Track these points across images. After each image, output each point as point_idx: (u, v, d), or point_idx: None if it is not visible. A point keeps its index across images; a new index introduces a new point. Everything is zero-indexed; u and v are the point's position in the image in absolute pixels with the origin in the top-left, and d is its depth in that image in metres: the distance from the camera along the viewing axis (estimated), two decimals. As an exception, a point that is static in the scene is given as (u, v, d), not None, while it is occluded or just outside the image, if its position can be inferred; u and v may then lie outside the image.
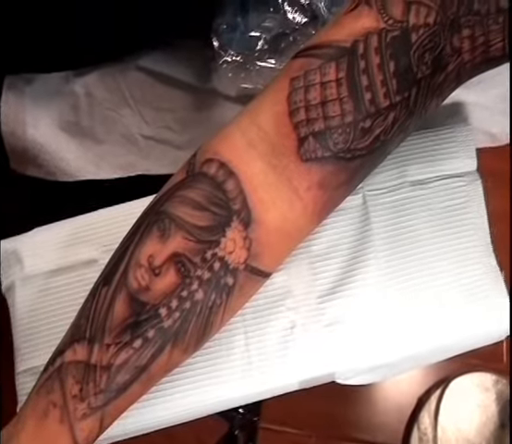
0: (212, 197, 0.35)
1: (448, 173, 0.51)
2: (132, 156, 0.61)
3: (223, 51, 0.56)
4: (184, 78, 0.62)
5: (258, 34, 0.54)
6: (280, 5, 0.52)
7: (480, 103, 0.59)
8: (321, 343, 0.48)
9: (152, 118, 0.62)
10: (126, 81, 0.61)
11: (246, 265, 0.36)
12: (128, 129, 0.61)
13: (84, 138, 0.61)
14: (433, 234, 0.50)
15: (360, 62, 0.34)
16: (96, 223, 0.51)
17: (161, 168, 0.61)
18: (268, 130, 0.36)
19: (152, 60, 0.61)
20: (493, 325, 0.49)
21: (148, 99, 0.62)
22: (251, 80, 0.56)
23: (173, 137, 0.62)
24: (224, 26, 0.55)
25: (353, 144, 0.35)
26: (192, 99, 0.62)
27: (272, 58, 0.55)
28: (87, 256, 0.50)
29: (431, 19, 0.33)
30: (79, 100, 0.61)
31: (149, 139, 0.61)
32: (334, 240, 0.49)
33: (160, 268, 0.35)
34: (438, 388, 0.56)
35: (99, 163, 0.60)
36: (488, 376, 0.56)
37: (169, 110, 0.62)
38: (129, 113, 0.61)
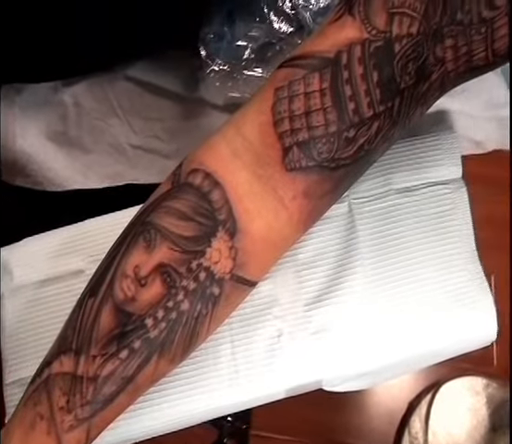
0: (197, 207, 0.35)
1: (434, 180, 0.52)
2: (120, 166, 0.61)
3: (210, 60, 0.56)
4: (172, 87, 0.62)
5: (245, 44, 0.54)
6: (266, 14, 0.52)
7: (464, 111, 0.59)
8: (308, 351, 0.48)
9: (140, 128, 0.62)
10: (114, 91, 0.62)
11: (232, 275, 0.36)
12: (116, 139, 0.61)
13: (72, 148, 0.61)
14: (419, 241, 0.50)
15: (344, 72, 0.34)
16: (83, 233, 0.51)
17: (149, 178, 0.61)
18: (253, 140, 0.36)
19: (140, 70, 0.62)
20: (480, 330, 0.49)
21: (136, 108, 0.62)
22: (239, 88, 0.56)
23: (161, 146, 0.62)
24: (211, 35, 0.55)
25: (337, 154, 0.35)
26: (180, 108, 0.63)
27: (258, 67, 0.55)
28: (74, 267, 0.50)
29: (414, 29, 0.34)
30: (68, 110, 0.61)
31: (137, 148, 0.62)
32: (320, 248, 0.50)
33: (146, 279, 0.35)
34: (429, 393, 0.56)
35: (87, 172, 0.60)
36: (478, 380, 0.56)
37: (157, 119, 0.62)
38: (117, 122, 0.62)
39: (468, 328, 0.49)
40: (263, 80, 0.55)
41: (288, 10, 0.52)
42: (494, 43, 0.35)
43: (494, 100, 0.59)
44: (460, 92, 0.58)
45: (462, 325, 0.49)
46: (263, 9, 0.52)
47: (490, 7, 0.33)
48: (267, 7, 0.52)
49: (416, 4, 0.33)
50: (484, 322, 0.49)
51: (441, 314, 0.49)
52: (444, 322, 0.49)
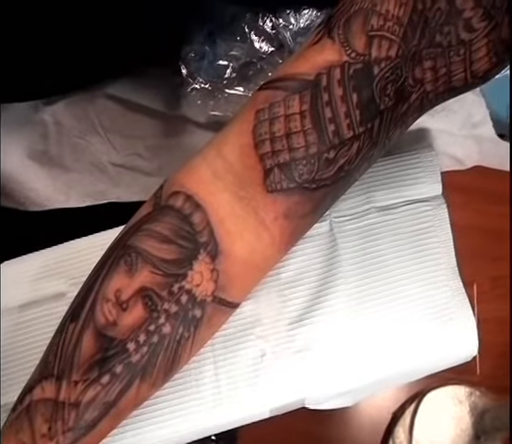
0: (178, 230, 0.35)
1: (414, 198, 0.52)
2: (102, 184, 0.61)
3: (191, 78, 0.56)
4: (153, 105, 0.62)
5: (226, 63, 0.54)
6: (247, 34, 0.53)
7: (444, 129, 0.60)
8: (291, 370, 0.48)
9: (121, 146, 0.62)
10: (94, 109, 0.62)
11: (213, 297, 0.36)
12: (97, 157, 0.61)
13: (53, 166, 0.61)
14: (400, 258, 0.51)
15: (324, 94, 0.34)
16: (64, 255, 0.51)
17: (131, 196, 0.61)
18: (234, 162, 0.36)
19: (121, 88, 0.62)
20: (461, 346, 0.50)
21: (117, 126, 0.62)
22: (220, 107, 0.56)
23: (143, 164, 0.62)
24: (192, 54, 0.55)
25: (318, 175, 0.35)
26: (162, 126, 0.63)
27: (240, 86, 0.56)
28: (55, 290, 0.50)
29: (393, 52, 0.34)
30: (48, 129, 0.61)
31: (118, 166, 0.62)
32: (302, 267, 0.50)
33: (127, 303, 0.35)
34: (412, 403, 0.56)
35: (68, 191, 0.60)
36: (461, 389, 0.56)
37: (139, 137, 0.62)
38: (99, 141, 0.62)
39: (449, 345, 0.50)
40: (245, 98, 0.55)
41: (269, 30, 0.52)
42: (473, 64, 0.35)
43: (473, 118, 0.60)
44: (440, 110, 0.59)
45: (443, 341, 0.50)
46: (244, 29, 0.52)
47: (468, 30, 0.34)
48: (248, 27, 0.52)
49: (395, 27, 0.34)
50: (465, 338, 0.50)
51: (422, 331, 0.49)
52: (425, 338, 0.49)
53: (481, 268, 0.60)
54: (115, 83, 0.62)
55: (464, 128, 0.60)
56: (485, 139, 0.60)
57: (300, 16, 0.51)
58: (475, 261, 0.59)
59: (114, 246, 0.37)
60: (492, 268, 0.60)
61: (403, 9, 0.34)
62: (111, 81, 0.62)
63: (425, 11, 0.34)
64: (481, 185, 0.62)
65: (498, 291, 0.60)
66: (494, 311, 0.59)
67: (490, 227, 0.61)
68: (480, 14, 0.33)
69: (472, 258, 0.58)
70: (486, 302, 0.59)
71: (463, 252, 0.54)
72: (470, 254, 0.58)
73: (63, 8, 0.50)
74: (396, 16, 0.34)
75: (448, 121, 0.60)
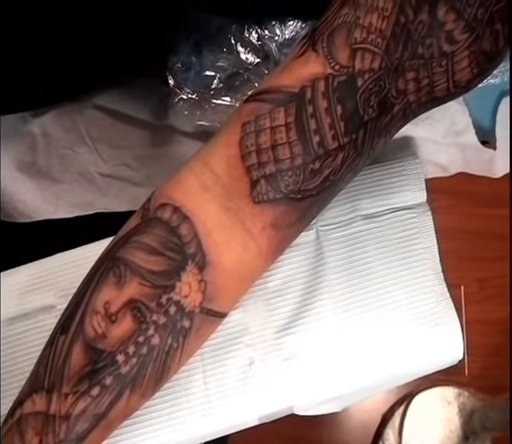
0: (166, 242, 0.36)
1: (399, 205, 0.53)
2: (90, 195, 0.61)
3: (178, 89, 0.57)
4: (141, 115, 0.62)
5: (212, 74, 0.55)
6: (233, 45, 0.53)
7: (428, 137, 0.61)
8: (279, 378, 0.48)
9: (109, 156, 0.62)
10: (82, 120, 0.62)
11: (202, 308, 0.36)
12: (85, 168, 0.62)
13: (41, 178, 0.61)
14: (386, 266, 0.51)
15: (308, 107, 0.35)
16: (53, 268, 0.51)
17: (119, 206, 0.61)
18: (221, 174, 0.37)
19: (109, 99, 0.62)
20: (447, 350, 0.51)
21: (105, 137, 0.62)
22: (207, 117, 0.57)
23: (131, 174, 0.62)
24: (179, 65, 0.56)
25: (303, 185, 0.36)
26: (149, 136, 0.63)
27: (227, 96, 0.56)
28: (44, 302, 0.50)
29: (376, 65, 0.35)
30: (36, 140, 0.62)
31: (107, 176, 0.62)
32: (289, 275, 0.51)
33: (116, 315, 0.35)
34: (401, 405, 0.57)
35: (56, 202, 0.60)
36: (450, 390, 0.57)
37: (127, 147, 0.63)
38: (87, 151, 0.62)
39: (435, 349, 0.51)
40: (232, 108, 0.56)
41: (255, 41, 0.53)
42: (455, 75, 0.36)
43: (457, 127, 0.61)
44: (424, 119, 0.59)
45: (430, 346, 0.50)
46: (230, 40, 0.53)
47: (450, 42, 0.35)
48: (234, 39, 0.53)
49: (378, 40, 0.35)
50: (451, 342, 0.51)
51: (408, 337, 0.50)
52: (411, 344, 0.50)
53: (469, 270, 0.61)
54: (103, 94, 0.62)
55: (447, 136, 0.61)
56: (469, 146, 0.61)
57: (285, 27, 0.52)
58: (463, 263, 0.61)
59: (102, 258, 0.37)
60: (479, 270, 0.61)
61: (386, 22, 0.35)
62: (99, 92, 0.62)
63: (408, 24, 0.34)
64: (467, 188, 0.63)
65: (486, 293, 0.61)
66: (483, 312, 0.60)
67: (477, 229, 0.62)
68: (461, 26, 0.34)
69: (460, 260, 0.60)
70: (474, 303, 0.60)
71: (451, 254, 0.55)
72: (458, 257, 0.60)
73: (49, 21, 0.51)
74: (379, 29, 0.35)
75: (432, 130, 0.60)
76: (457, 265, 0.60)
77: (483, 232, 0.62)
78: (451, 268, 0.56)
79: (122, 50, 0.56)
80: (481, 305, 0.60)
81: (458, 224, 0.62)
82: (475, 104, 0.60)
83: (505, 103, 0.60)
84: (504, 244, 0.61)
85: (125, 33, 0.55)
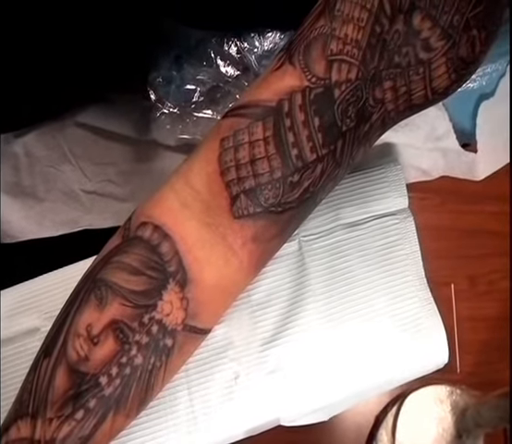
0: (147, 261, 0.36)
1: (381, 212, 0.54)
2: (74, 212, 0.61)
3: (160, 103, 0.57)
4: (123, 131, 0.63)
5: (193, 87, 0.55)
6: (213, 59, 0.54)
7: (409, 143, 0.61)
8: (264, 391, 0.49)
9: (93, 173, 0.62)
10: (65, 138, 0.62)
11: (184, 326, 0.36)
12: (68, 185, 0.62)
13: (26, 197, 0.61)
14: (369, 273, 0.52)
15: (286, 120, 0.35)
16: (36, 290, 0.51)
17: (104, 222, 0.61)
18: (201, 190, 0.37)
19: (90, 115, 0.62)
20: (432, 355, 0.52)
21: (88, 154, 0.62)
22: (189, 131, 0.57)
23: (115, 190, 0.62)
24: (159, 79, 0.56)
25: (283, 198, 0.36)
26: (133, 151, 0.63)
27: (208, 109, 0.56)
28: (29, 325, 0.50)
29: (352, 75, 0.35)
30: (20, 160, 0.62)
31: (91, 193, 0.62)
32: (273, 287, 0.51)
33: (98, 337, 0.35)
34: (394, 405, 0.57)
35: (41, 221, 0.61)
36: (442, 388, 0.57)
37: (110, 164, 0.63)
38: (70, 169, 0.62)
39: (420, 355, 0.51)
40: (213, 121, 0.56)
41: (234, 54, 0.53)
42: (432, 81, 0.36)
43: (437, 132, 0.61)
44: (404, 125, 0.60)
45: (415, 351, 0.51)
46: (210, 54, 0.53)
47: (426, 49, 0.35)
48: (213, 52, 0.53)
49: (354, 50, 0.35)
50: (436, 347, 0.51)
51: (393, 343, 0.51)
52: (397, 350, 0.51)
53: (459, 268, 0.62)
54: (85, 111, 0.62)
55: (428, 141, 0.62)
56: (450, 150, 0.62)
57: (264, 39, 0.53)
58: (453, 261, 0.61)
59: (84, 280, 0.37)
60: (469, 267, 0.62)
61: (361, 33, 0.35)
62: (80, 109, 0.62)
63: (383, 34, 0.35)
64: (454, 186, 0.64)
65: (477, 290, 0.62)
66: (473, 309, 0.61)
67: (466, 226, 0.63)
68: (437, 33, 0.35)
69: (450, 259, 0.61)
70: (465, 300, 0.61)
71: (441, 253, 0.56)
72: (448, 255, 0.61)
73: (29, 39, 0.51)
74: (355, 39, 0.35)
75: (412, 135, 0.61)
76: (448, 263, 0.61)
77: (472, 229, 0.63)
78: (441, 267, 0.58)
79: (102, 66, 0.57)
80: (471, 302, 0.61)
81: (447, 222, 0.63)
82: (455, 108, 0.61)
83: (485, 106, 0.61)
84: (494, 241, 0.62)
85: (105, 49, 0.55)
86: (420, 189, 0.62)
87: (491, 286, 0.62)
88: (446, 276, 0.60)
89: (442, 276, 0.59)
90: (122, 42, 0.56)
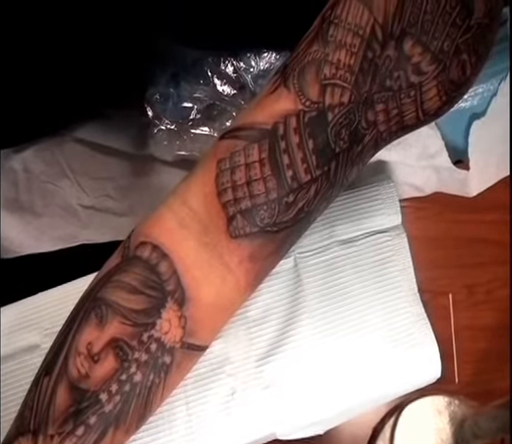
0: (146, 280, 0.37)
1: (374, 229, 0.55)
2: (72, 227, 0.62)
3: (157, 120, 0.58)
4: (121, 146, 0.64)
5: (190, 105, 0.56)
6: (210, 77, 0.55)
7: (402, 161, 0.63)
8: (261, 406, 0.49)
9: (91, 188, 0.63)
10: (63, 153, 0.63)
11: (182, 343, 0.38)
12: (67, 201, 0.63)
13: (24, 213, 0.62)
14: (363, 289, 0.53)
15: (281, 143, 0.36)
16: (36, 307, 0.51)
17: (102, 237, 0.62)
18: (198, 211, 0.38)
19: (89, 131, 0.63)
20: (425, 370, 0.52)
21: (86, 169, 0.64)
22: (186, 147, 0.58)
23: (113, 205, 0.63)
24: (157, 96, 0.57)
25: (279, 218, 0.37)
26: (130, 166, 0.64)
27: (205, 126, 0.58)
28: (29, 342, 0.51)
29: (345, 99, 0.36)
30: (18, 176, 0.63)
31: (89, 208, 0.63)
32: (268, 304, 0.52)
33: (99, 355, 0.36)
34: (392, 416, 0.57)
35: (39, 236, 0.62)
36: (440, 399, 0.57)
37: (108, 179, 0.64)
38: (68, 184, 0.63)
39: (413, 370, 0.52)
40: (210, 138, 0.58)
41: (231, 73, 0.54)
42: (424, 104, 0.38)
43: (429, 150, 0.62)
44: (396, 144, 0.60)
45: (408, 367, 0.52)
46: (207, 72, 0.55)
47: (417, 73, 0.36)
48: (210, 71, 0.55)
49: (346, 75, 0.36)
50: (429, 362, 0.52)
51: (387, 358, 0.52)
52: (390, 365, 0.52)
53: (457, 277, 0.62)
54: (83, 127, 0.63)
55: (421, 159, 0.63)
56: (443, 168, 0.63)
57: (260, 59, 0.54)
58: (450, 270, 0.62)
59: (84, 298, 0.38)
60: (467, 276, 0.62)
61: (354, 58, 0.36)
62: (79, 125, 0.63)
63: (375, 59, 0.36)
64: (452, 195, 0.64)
65: (475, 299, 0.62)
66: (472, 318, 0.61)
67: (463, 235, 0.63)
68: (428, 58, 0.36)
69: (447, 268, 0.61)
70: (463, 310, 0.61)
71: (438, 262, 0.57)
72: (446, 264, 0.61)
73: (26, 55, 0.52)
74: (348, 64, 0.36)
75: (405, 154, 0.62)
76: (445, 272, 0.61)
77: (469, 238, 0.63)
78: (439, 276, 0.59)
79: (100, 82, 0.58)
80: (469, 312, 0.61)
81: (445, 231, 0.63)
82: (447, 127, 0.62)
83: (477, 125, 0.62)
84: (491, 250, 0.63)
85: (102, 66, 0.56)
86: (418, 198, 0.63)
87: (489, 295, 0.62)
88: (444, 285, 0.60)
89: (439, 285, 0.60)
90: (119, 58, 0.57)
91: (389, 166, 0.62)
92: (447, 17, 0.35)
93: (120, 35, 0.55)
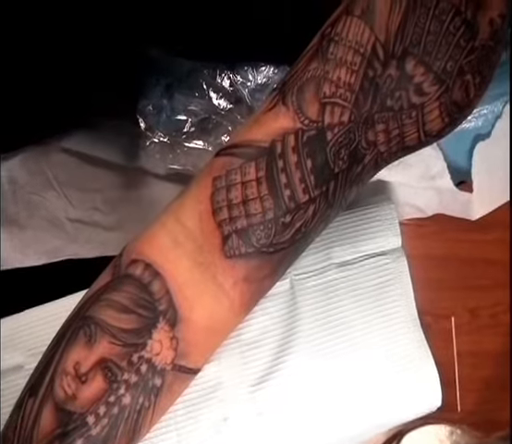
0: (138, 299, 0.37)
1: (373, 252, 0.55)
2: (58, 241, 0.63)
3: (150, 132, 0.59)
4: (110, 157, 0.64)
5: (184, 118, 0.57)
6: (205, 90, 0.56)
7: (403, 182, 0.64)
8: (254, 433, 0.50)
9: (78, 200, 0.64)
10: (49, 164, 0.64)
11: (173, 365, 0.38)
12: (52, 213, 0.63)
13: (10, 225, 0.63)
14: (362, 314, 0.53)
15: (279, 161, 0.37)
16: (20, 326, 0.52)
17: (90, 251, 0.63)
18: (193, 229, 0.38)
19: (76, 141, 0.64)
20: (424, 398, 0.53)
21: (73, 180, 0.64)
22: (179, 161, 0.59)
23: (101, 218, 0.64)
24: (150, 108, 0.58)
25: (275, 239, 0.38)
26: (120, 178, 0.65)
27: (199, 139, 0.58)
28: (13, 362, 0.51)
29: (345, 118, 0.37)
30: (2, 186, 0.63)
31: (76, 221, 0.64)
32: (264, 327, 0.52)
33: (86, 375, 0.36)
34: None
35: (24, 250, 0.62)
36: (442, 428, 0.57)
37: (96, 191, 0.65)
38: (54, 196, 0.64)
39: (413, 398, 0.53)
40: (204, 152, 0.58)
41: (227, 86, 0.55)
42: (425, 125, 0.38)
43: (432, 171, 0.63)
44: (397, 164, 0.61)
45: (407, 395, 0.52)
46: (202, 85, 0.56)
47: (419, 94, 0.37)
48: (206, 84, 0.56)
49: (346, 94, 0.37)
50: (429, 390, 0.53)
51: (386, 386, 0.52)
52: (389, 393, 0.52)
53: (460, 299, 0.62)
54: (71, 136, 0.64)
55: (423, 180, 0.63)
56: (445, 190, 0.63)
57: (258, 72, 0.55)
58: (453, 292, 0.62)
59: (73, 317, 0.39)
60: (470, 299, 0.63)
61: (354, 76, 0.37)
62: (66, 134, 0.64)
63: (376, 78, 0.37)
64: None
65: (478, 323, 0.63)
66: (474, 343, 0.62)
67: (466, 256, 0.64)
68: (430, 79, 0.37)
69: (450, 290, 0.62)
70: (466, 334, 0.62)
71: (440, 283, 0.57)
72: (448, 286, 0.62)
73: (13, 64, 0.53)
74: (348, 83, 0.37)
75: (406, 174, 0.63)
76: (447, 294, 0.62)
77: (472, 258, 0.64)
78: (441, 298, 0.59)
79: (89, 90, 0.59)
80: (472, 336, 0.62)
81: (446, 251, 0.64)
82: (450, 147, 0.63)
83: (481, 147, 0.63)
84: (494, 271, 0.63)
85: (92, 73, 0.57)
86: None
87: (493, 319, 0.62)
88: (446, 308, 0.61)
89: (441, 308, 0.60)
90: (110, 66, 0.58)
91: (389, 187, 0.63)
92: (451, 37, 0.36)
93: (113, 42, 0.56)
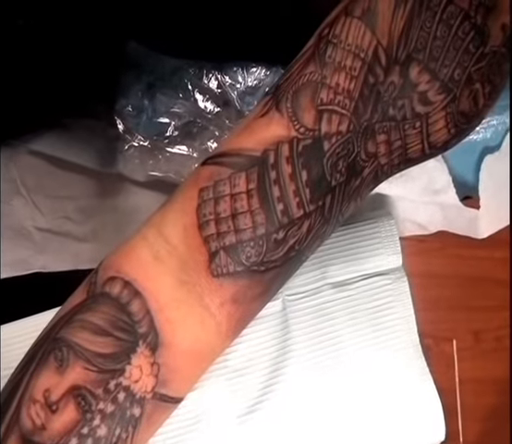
0: (115, 321, 0.37)
1: (372, 271, 0.55)
2: (25, 252, 0.62)
3: (128, 135, 0.59)
4: (84, 161, 0.64)
5: (167, 120, 0.57)
6: (190, 92, 0.56)
7: (404, 196, 0.64)
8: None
9: (48, 208, 0.63)
10: (16, 168, 0.63)
11: (154, 393, 0.37)
12: (19, 222, 0.63)
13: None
14: (359, 339, 0.53)
15: (271, 172, 0.37)
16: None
17: (60, 264, 0.62)
18: (177, 244, 0.38)
19: (47, 143, 0.63)
20: (428, 431, 0.53)
21: (43, 186, 0.63)
22: (161, 167, 0.59)
23: (73, 228, 0.63)
24: (129, 108, 0.58)
25: (266, 257, 0.38)
26: (94, 185, 0.64)
27: (183, 144, 0.58)
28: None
29: (343, 127, 0.37)
30: (-36, 191, 0.62)
31: (45, 231, 0.63)
32: (253, 352, 0.52)
33: (57, 404, 0.36)
34: None
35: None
36: None
37: (68, 198, 0.64)
38: (21, 202, 0.63)
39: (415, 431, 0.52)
40: (188, 158, 0.58)
41: (214, 88, 0.55)
42: (430, 136, 0.39)
43: (435, 184, 0.63)
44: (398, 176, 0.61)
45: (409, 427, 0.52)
46: (187, 86, 0.55)
47: (424, 103, 0.37)
48: (191, 84, 0.55)
49: (345, 101, 0.37)
50: (432, 423, 0.53)
51: (385, 418, 0.52)
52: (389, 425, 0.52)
53: (462, 321, 0.62)
54: (41, 138, 0.63)
55: (425, 194, 0.64)
56: (449, 205, 0.64)
57: (248, 74, 0.55)
58: (455, 313, 0.62)
59: (42, 339, 0.38)
60: (473, 321, 0.63)
61: (354, 82, 0.37)
62: (35, 136, 0.63)
63: (377, 84, 0.37)
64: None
65: (481, 347, 0.62)
66: (478, 369, 0.62)
67: (470, 274, 0.64)
68: (436, 87, 0.37)
69: (452, 310, 0.62)
70: (469, 359, 0.62)
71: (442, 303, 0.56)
72: (450, 306, 0.61)
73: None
74: (347, 89, 0.37)
75: (408, 188, 0.63)
76: (449, 315, 0.61)
77: (475, 277, 0.64)
78: (443, 319, 0.59)
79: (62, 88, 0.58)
80: (476, 362, 0.62)
81: (448, 268, 0.64)
82: (456, 160, 0.63)
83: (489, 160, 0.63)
84: (501, 291, 0.63)
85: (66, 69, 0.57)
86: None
87: (498, 343, 0.62)
88: (447, 329, 0.61)
89: (442, 329, 0.60)
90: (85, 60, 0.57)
91: (389, 201, 0.63)
92: (459, 43, 0.37)
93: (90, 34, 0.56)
